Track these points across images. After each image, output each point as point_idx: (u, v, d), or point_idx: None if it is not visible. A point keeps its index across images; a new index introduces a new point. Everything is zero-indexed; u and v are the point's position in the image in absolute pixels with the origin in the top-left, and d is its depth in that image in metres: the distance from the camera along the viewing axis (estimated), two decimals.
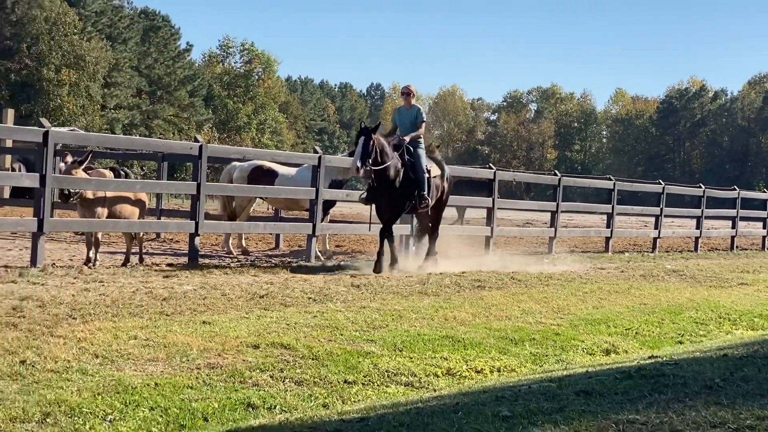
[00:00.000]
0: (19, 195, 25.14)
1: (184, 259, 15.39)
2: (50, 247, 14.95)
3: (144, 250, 15.21)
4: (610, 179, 25.82)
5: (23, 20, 72.05)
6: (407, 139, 15.53)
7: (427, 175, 15.74)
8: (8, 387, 5.93)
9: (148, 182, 18.97)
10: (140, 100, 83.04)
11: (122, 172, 15.85)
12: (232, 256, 17.37)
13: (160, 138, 64.42)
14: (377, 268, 14.96)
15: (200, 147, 15.34)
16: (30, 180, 14.15)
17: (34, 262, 13.11)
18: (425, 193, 15.56)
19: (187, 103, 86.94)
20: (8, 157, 29.42)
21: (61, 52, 72.21)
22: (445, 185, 16.85)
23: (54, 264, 13.22)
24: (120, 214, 14.10)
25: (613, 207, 24.54)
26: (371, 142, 14.83)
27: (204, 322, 8.93)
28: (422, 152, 15.90)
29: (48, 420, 5.27)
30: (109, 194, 13.90)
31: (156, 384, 6.32)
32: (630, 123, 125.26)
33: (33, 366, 6.55)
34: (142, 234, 15.12)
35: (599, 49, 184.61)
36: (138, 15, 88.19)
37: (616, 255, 22.82)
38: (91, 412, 5.49)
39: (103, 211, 13.78)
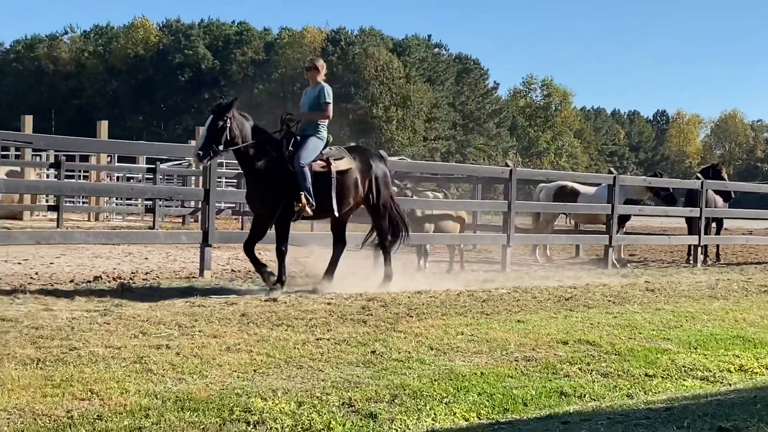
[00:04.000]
0: None
1: (497, 267, 15.55)
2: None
3: (463, 260, 15.51)
4: None
5: (359, 69, 75.48)
6: (298, 118, 10.78)
7: (325, 168, 10.57)
8: (363, 372, 6.21)
9: (467, 201, 19.26)
10: (455, 131, 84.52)
11: (441, 194, 16.27)
12: (538, 264, 17.44)
13: (472, 163, 65.52)
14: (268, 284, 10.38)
15: (510, 171, 15.54)
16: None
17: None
18: (303, 192, 10.19)
19: (494, 133, 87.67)
20: None
21: (390, 94, 75.07)
22: (374, 186, 11.14)
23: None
24: (444, 229, 14.49)
25: None
26: (221, 123, 10.02)
27: (518, 321, 8.99)
28: (315, 140, 10.59)
29: (396, 401, 5.48)
30: (435, 212, 14.35)
31: (481, 373, 6.43)
32: None
33: (381, 356, 6.82)
34: (461, 245, 15.43)
35: None
36: (453, 60, 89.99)
37: None
38: (429, 395, 5.66)
39: (430, 227, 14.23)
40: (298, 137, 10.55)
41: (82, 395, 5.15)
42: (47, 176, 28.98)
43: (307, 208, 10.29)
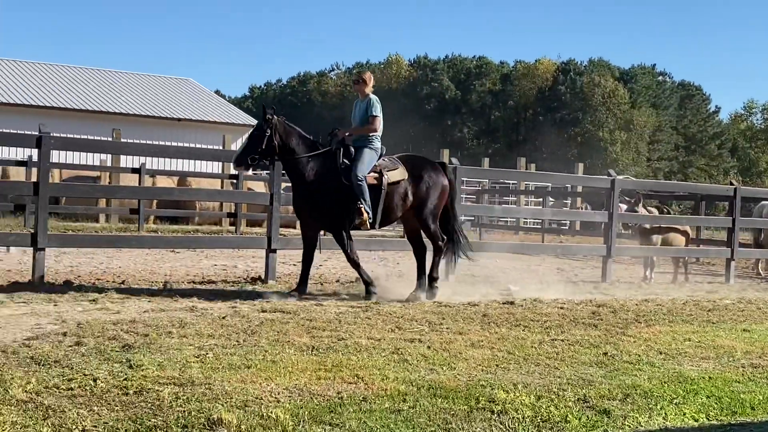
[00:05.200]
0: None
1: (720, 279, 14.77)
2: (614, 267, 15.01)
3: (688, 272, 14.85)
4: None
5: (586, 96, 74.18)
6: (342, 134, 9.59)
7: (377, 181, 9.41)
8: (596, 372, 6.04)
9: (693, 217, 18.42)
10: (677, 153, 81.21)
11: (665, 210, 15.69)
12: (761, 277, 16.45)
13: (694, 182, 62.80)
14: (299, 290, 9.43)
15: (735, 189, 14.81)
16: (600, 216, 14.44)
17: (604, 277, 13.36)
18: (362, 206, 9.20)
19: (715, 154, 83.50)
20: (578, 199, 30.24)
21: (614, 119, 73.33)
22: (425, 196, 9.74)
23: (618, 279, 13.33)
24: (670, 242, 13.94)
25: None
26: (261, 133, 9.18)
27: (744, 330, 8.47)
28: (369, 152, 9.44)
29: (627, 399, 5.29)
30: (663, 226, 13.85)
31: (709, 377, 6.10)
32: None
33: (612, 357, 6.61)
34: (686, 258, 14.78)
35: None
36: (676, 86, 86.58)
37: None
38: (660, 396, 5.43)
39: (657, 239, 13.74)
40: (352, 149, 9.46)
41: (349, 379, 5.30)
42: None
43: (367, 222, 9.27)
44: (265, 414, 4.41)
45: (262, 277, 10.95)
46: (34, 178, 10.57)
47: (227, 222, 25.20)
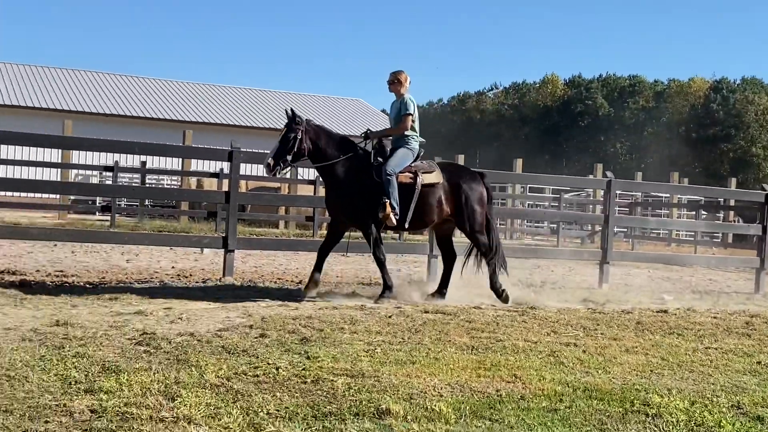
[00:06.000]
0: None
1: None
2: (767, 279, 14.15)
3: None
4: None
5: (740, 113, 70.63)
6: (374, 135, 9.07)
7: (411, 180, 8.79)
8: (749, 380, 5.70)
9: None
10: None
11: None
12: None
13: None
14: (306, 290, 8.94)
15: None
16: (754, 229, 13.68)
17: (757, 288, 12.67)
18: (388, 200, 8.54)
19: None
20: (731, 213, 28.72)
21: None
22: (463, 204, 9.09)
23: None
24: None
25: None
26: (292, 135, 8.59)
27: None
28: (404, 150, 8.87)
29: None
30: None
31: None
32: None
33: (766, 366, 6.24)
34: None
35: None
36: None
37: None
38: None
39: None
40: (387, 148, 8.94)
41: (507, 378, 5.23)
42: None
43: (392, 217, 8.60)
44: (429, 406, 4.42)
45: (425, 279, 11.00)
46: (225, 188, 11.05)
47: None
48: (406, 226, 8.91)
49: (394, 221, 8.65)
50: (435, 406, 4.42)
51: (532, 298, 9.72)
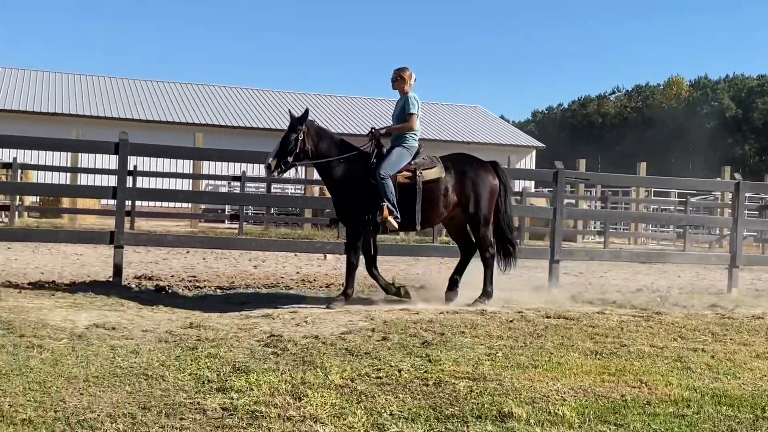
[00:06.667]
0: None
1: None
2: None
3: None
4: None
5: None
6: (378, 133, 8.57)
7: (410, 180, 8.40)
8: None
9: None
10: None
11: None
12: None
13: None
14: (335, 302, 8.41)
15: None
16: None
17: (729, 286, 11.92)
18: (385, 202, 8.17)
19: None
20: None
21: None
22: (471, 196, 8.64)
23: None
24: None
25: None
26: (293, 136, 8.29)
27: None
28: (400, 150, 8.46)
29: None
30: None
31: None
32: None
33: None
34: None
35: None
36: None
37: None
38: None
39: None
40: (384, 149, 8.54)
41: (632, 383, 5.10)
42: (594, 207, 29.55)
43: (391, 220, 8.21)
44: (552, 410, 4.36)
45: (546, 286, 10.84)
46: None
47: None
48: (418, 227, 8.61)
49: (395, 224, 8.32)
50: (558, 410, 4.36)
51: (657, 303, 9.44)
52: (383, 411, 4.25)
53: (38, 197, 26.47)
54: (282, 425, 3.96)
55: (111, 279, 9.67)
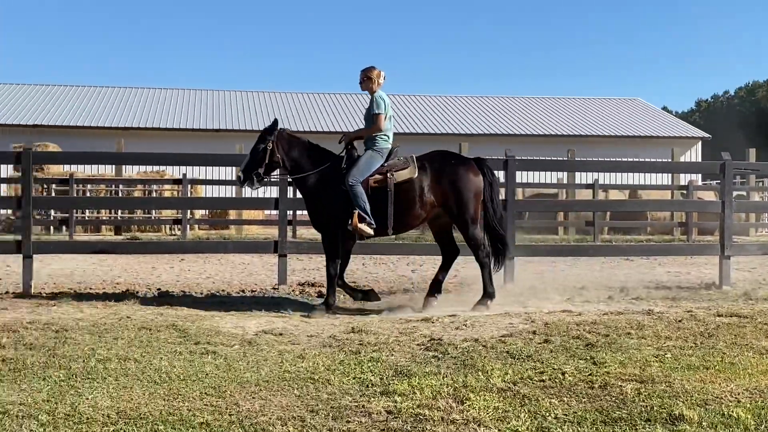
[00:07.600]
0: None
1: None
2: None
3: None
4: None
5: None
6: (347, 138, 8.24)
7: (381, 183, 8.00)
8: None
9: None
10: None
11: None
12: None
13: None
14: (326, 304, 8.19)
15: None
16: None
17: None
18: (356, 210, 7.84)
19: None
20: None
21: None
22: (451, 195, 8.15)
23: None
24: None
25: None
26: (262, 146, 8.07)
27: None
28: (370, 154, 8.06)
29: None
30: None
31: None
32: None
33: None
34: None
35: None
36: None
37: None
38: None
39: None
40: (356, 153, 8.20)
41: None
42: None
43: (364, 227, 7.92)
44: (725, 413, 4.18)
45: (716, 283, 10.37)
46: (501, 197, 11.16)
47: (678, 231, 24.31)
48: (390, 232, 8.23)
49: (369, 230, 8.03)
50: (732, 412, 4.17)
51: None
52: (547, 414, 4.21)
53: (207, 210, 27.87)
54: (446, 428, 4.00)
55: (276, 286, 10.07)
